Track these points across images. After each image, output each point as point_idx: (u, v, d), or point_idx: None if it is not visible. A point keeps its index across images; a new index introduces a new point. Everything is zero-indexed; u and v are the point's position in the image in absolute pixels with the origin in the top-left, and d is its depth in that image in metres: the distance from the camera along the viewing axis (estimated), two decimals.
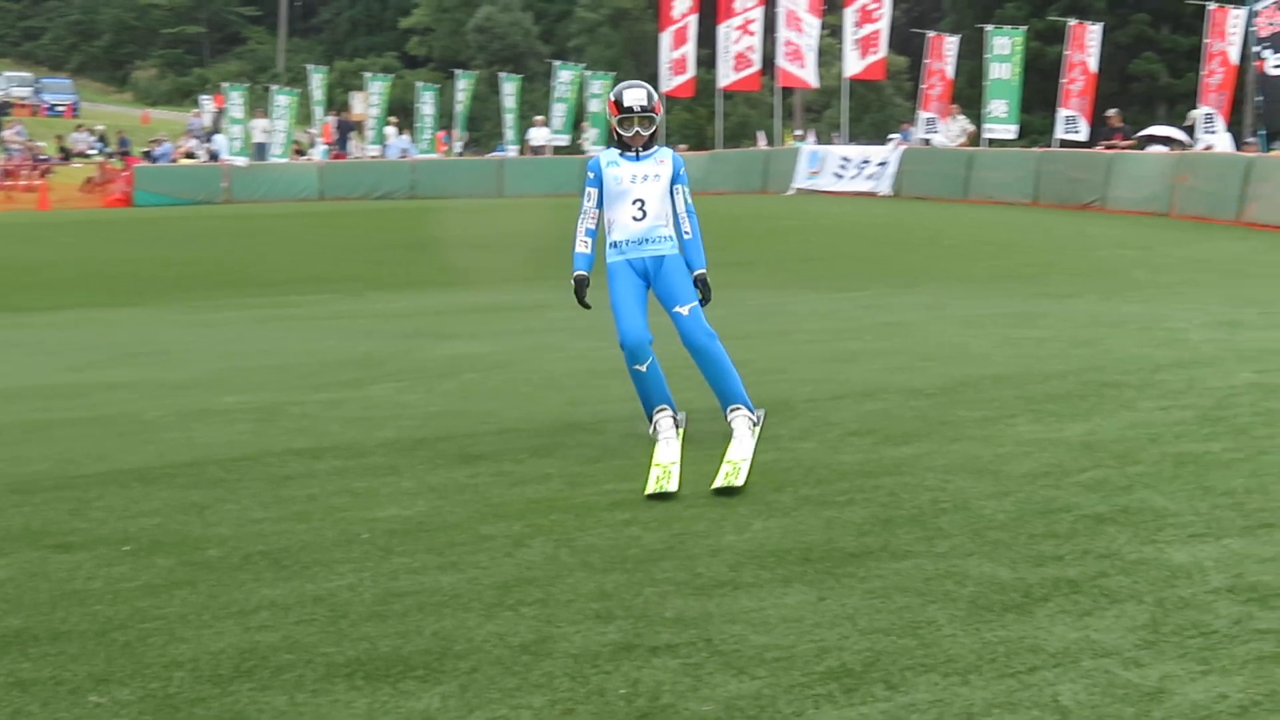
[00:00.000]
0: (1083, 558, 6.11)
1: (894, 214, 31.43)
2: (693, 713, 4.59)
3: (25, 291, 20.25)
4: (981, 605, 5.54)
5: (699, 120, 59.06)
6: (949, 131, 38.18)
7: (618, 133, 8.45)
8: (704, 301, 8.48)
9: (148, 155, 51.91)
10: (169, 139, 56.01)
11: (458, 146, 51.15)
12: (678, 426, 8.43)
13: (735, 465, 7.71)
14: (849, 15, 41.43)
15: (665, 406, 8.44)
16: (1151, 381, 10.34)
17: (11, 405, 10.80)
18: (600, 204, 8.51)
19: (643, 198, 8.39)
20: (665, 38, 45.94)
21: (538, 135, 48.12)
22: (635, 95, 8.40)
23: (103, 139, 60.33)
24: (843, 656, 5.03)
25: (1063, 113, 35.71)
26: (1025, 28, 40.83)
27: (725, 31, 43.81)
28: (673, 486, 7.45)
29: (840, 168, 38.41)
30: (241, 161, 46.13)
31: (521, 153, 48.36)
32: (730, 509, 7.07)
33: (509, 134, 50.40)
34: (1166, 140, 34.60)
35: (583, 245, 8.62)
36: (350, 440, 9.02)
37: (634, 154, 8.43)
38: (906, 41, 57.58)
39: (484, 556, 6.38)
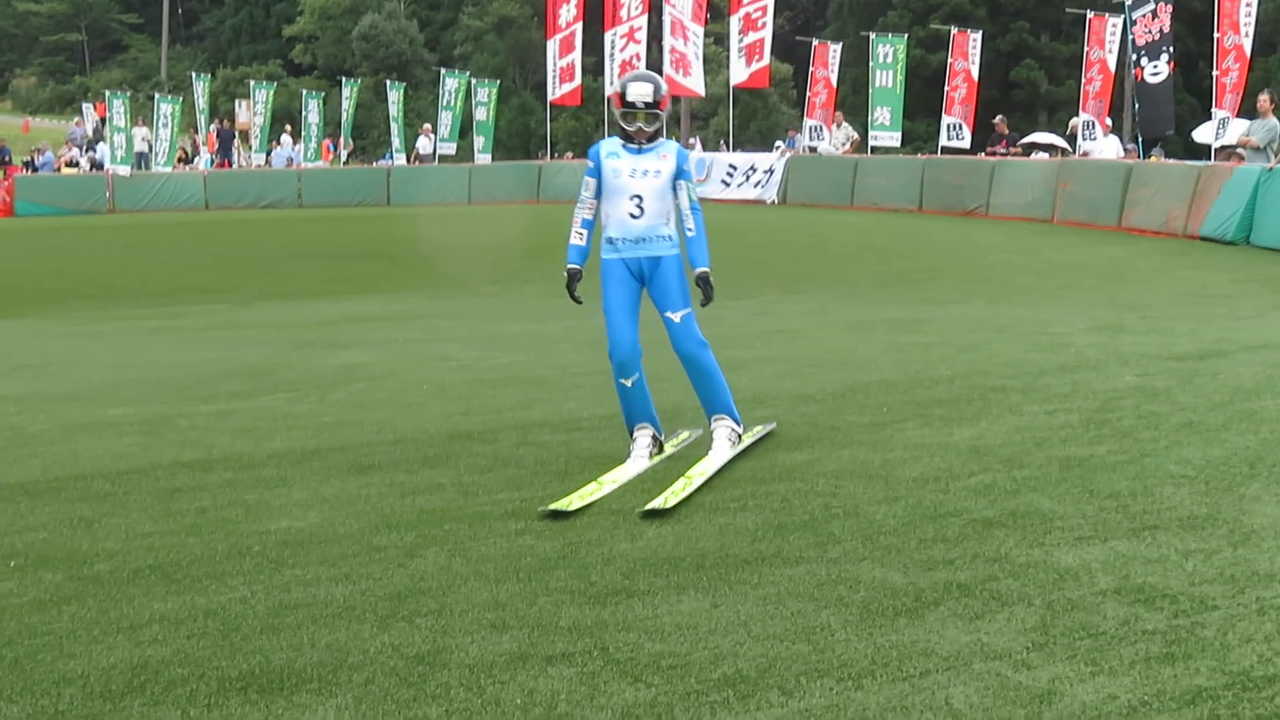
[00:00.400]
0: (972, 561, 6.18)
1: (781, 221, 31.62)
2: None
3: None
4: (874, 610, 5.59)
5: (585, 127, 59.13)
6: (834, 139, 38.44)
7: (620, 126, 8.12)
8: (705, 302, 8.24)
9: (28, 165, 51.10)
10: (50, 148, 55.21)
11: (344, 155, 50.82)
12: (660, 446, 8.30)
13: (677, 492, 7.36)
14: (734, 23, 41.60)
15: (647, 425, 8.27)
16: (1036, 386, 10.46)
17: None
18: (598, 194, 8.20)
19: (641, 194, 8.06)
20: (552, 45, 45.87)
21: (425, 144, 47.95)
22: (639, 89, 8.05)
23: None
24: (737, 663, 5.05)
25: (946, 120, 36.08)
26: (907, 35, 41.28)
27: (611, 39, 43.80)
28: (575, 505, 7.21)
29: (727, 175, 38.58)
30: (125, 171, 45.55)
31: (409, 161, 48.13)
32: (624, 516, 7.08)
33: (396, 142, 50.19)
34: (1048, 147, 35.08)
35: (577, 237, 8.27)
36: (240, 452, 8.94)
37: (636, 147, 8.09)
38: (791, 49, 57.99)
39: (377, 567, 6.34)
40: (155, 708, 4.79)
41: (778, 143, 42.14)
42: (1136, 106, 31.53)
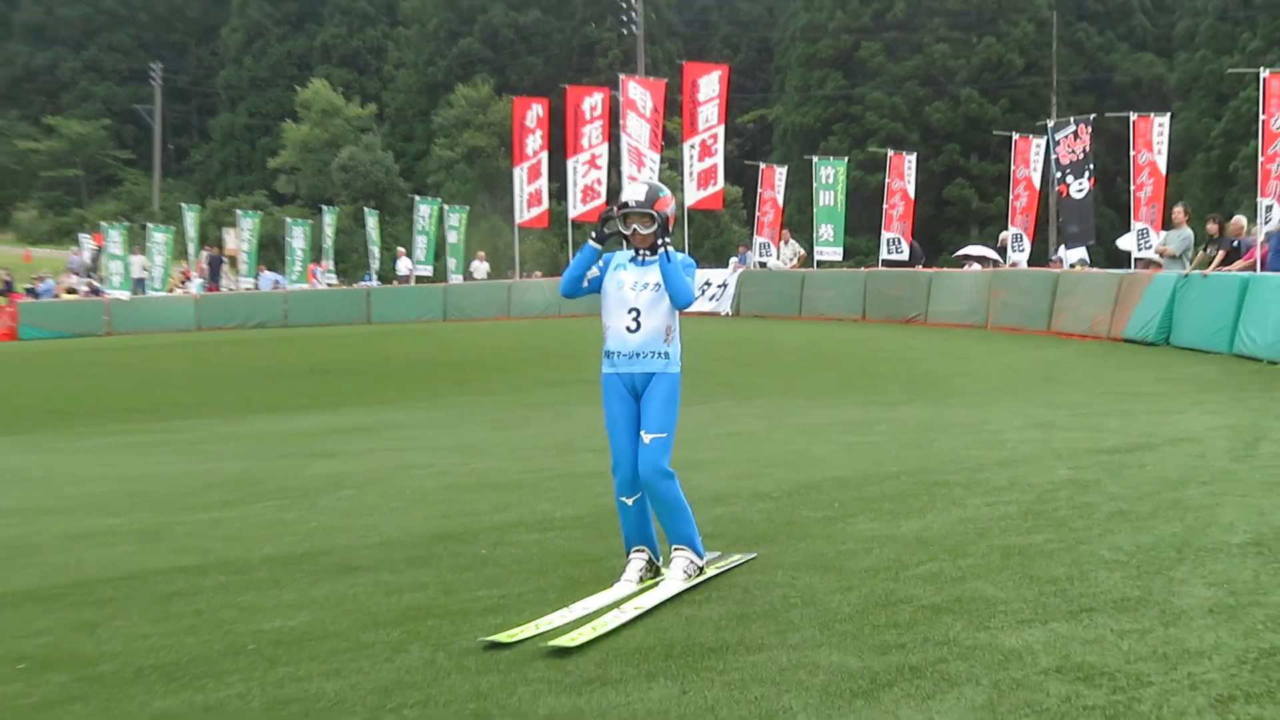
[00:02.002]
0: (923, 645, 6.18)
1: (734, 331, 31.74)
2: None
3: None
4: (832, 692, 5.58)
5: (551, 249, 59.38)
6: (783, 255, 38.72)
7: (620, 233, 7.55)
8: (661, 240, 7.43)
9: (31, 291, 51.04)
10: (51, 276, 55.16)
11: (328, 278, 50.87)
12: (655, 570, 7.61)
13: (597, 628, 6.67)
14: (687, 150, 41.96)
15: (644, 548, 7.60)
16: (977, 480, 10.51)
17: None
18: (598, 290, 7.53)
19: (639, 308, 7.42)
20: (519, 172, 46.15)
21: (403, 265, 48.14)
22: (633, 190, 7.55)
23: None
24: None
25: (885, 235, 36.37)
26: (847, 159, 41.66)
27: (574, 166, 44.15)
28: (521, 635, 6.55)
29: None
30: (123, 295, 45.56)
31: (387, 281, 48.24)
32: (595, 614, 7.05)
33: (374, 264, 50.32)
34: (981, 259, 35.37)
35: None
36: (234, 556, 8.89)
37: (641, 259, 7.50)
38: (741, 173, 58.46)
39: (365, 663, 6.30)
40: None
41: (732, 259, 42.35)
42: (1061, 220, 31.87)
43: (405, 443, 15.00)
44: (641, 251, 7.54)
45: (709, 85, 41.57)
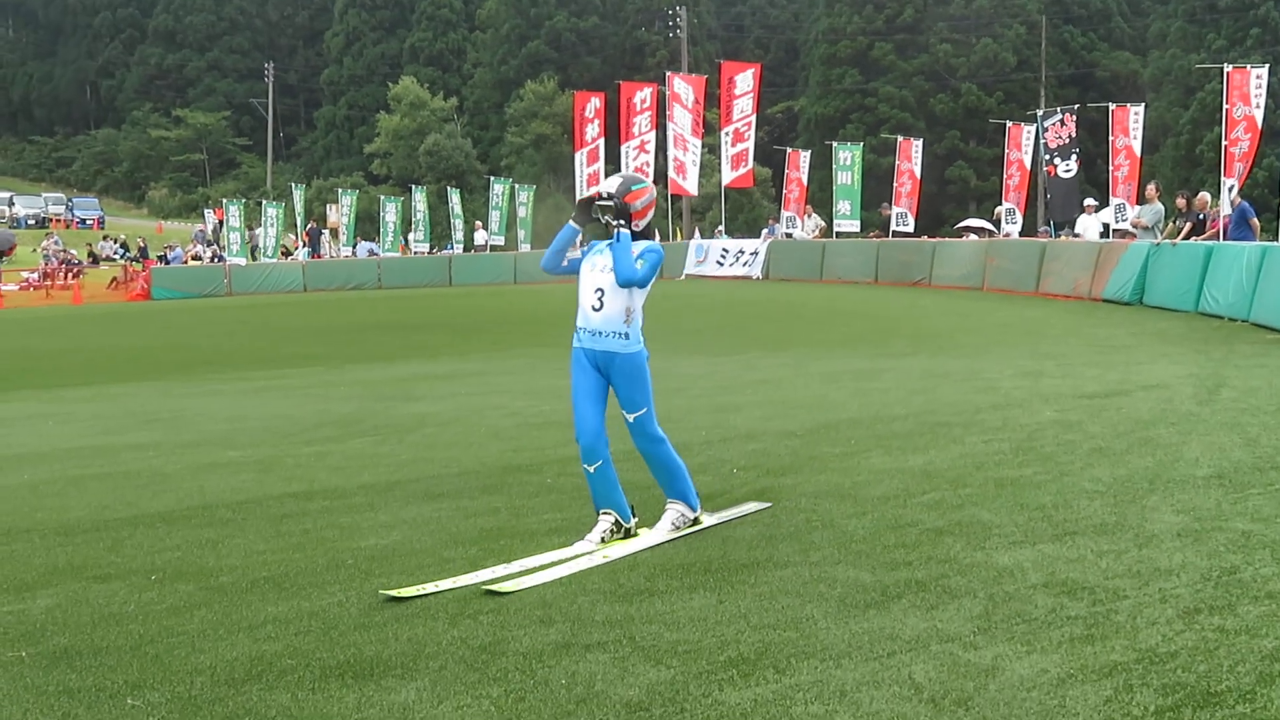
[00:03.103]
0: (927, 562, 6.13)
1: (764, 293, 31.62)
2: (621, 697, 4.54)
3: (61, 372, 19.90)
4: (849, 603, 5.54)
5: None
6: (806, 227, 38.51)
7: (598, 219, 7.00)
8: (615, 223, 6.85)
9: (162, 258, 51.36)
10: (179, 245, 55.49)
11: (419, 246, 50.92)
12: (625, 532, 6.96)
13: (531, 570, 6.27)
14: (724, 136, 41.75)
15: (610, 511, 6.95)
16: (974, 421, 10.42)
17: (53, 464, 10.58)
18: (577, 268, 7.03)
19: (603, 288, 6.83)
20: (579, 156, 46.06)
21: (479, 237, 48.15)
22: (608, 183, 6.96)
23: (125, 246, 59.55)
24: (739, 647, 5.01)
25: (895, 209, 36.12)
26: (862, 144, 41.32)
27: (626, 150, 44.02)
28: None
29: (721, 257, 38.62)
30: (241, 261, 45.76)
31: (467, 250, 48.28)
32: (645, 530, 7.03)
33: (456, 235, 50.33)
34: (979, 230, 35.11)
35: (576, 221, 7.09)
36: (336, 484, 8.91)
37: (612, 243, 6.89)
38: (770, 156, 58.12)
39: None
40: (270, 692, 4.75)
41: (763, 230, 42.15)
42: (1049, 197, 31.55)
43: (481, 387, 15.00)
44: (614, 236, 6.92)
45: (743, 81, 41.33)
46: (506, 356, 19.19)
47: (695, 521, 7.09)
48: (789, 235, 38.83)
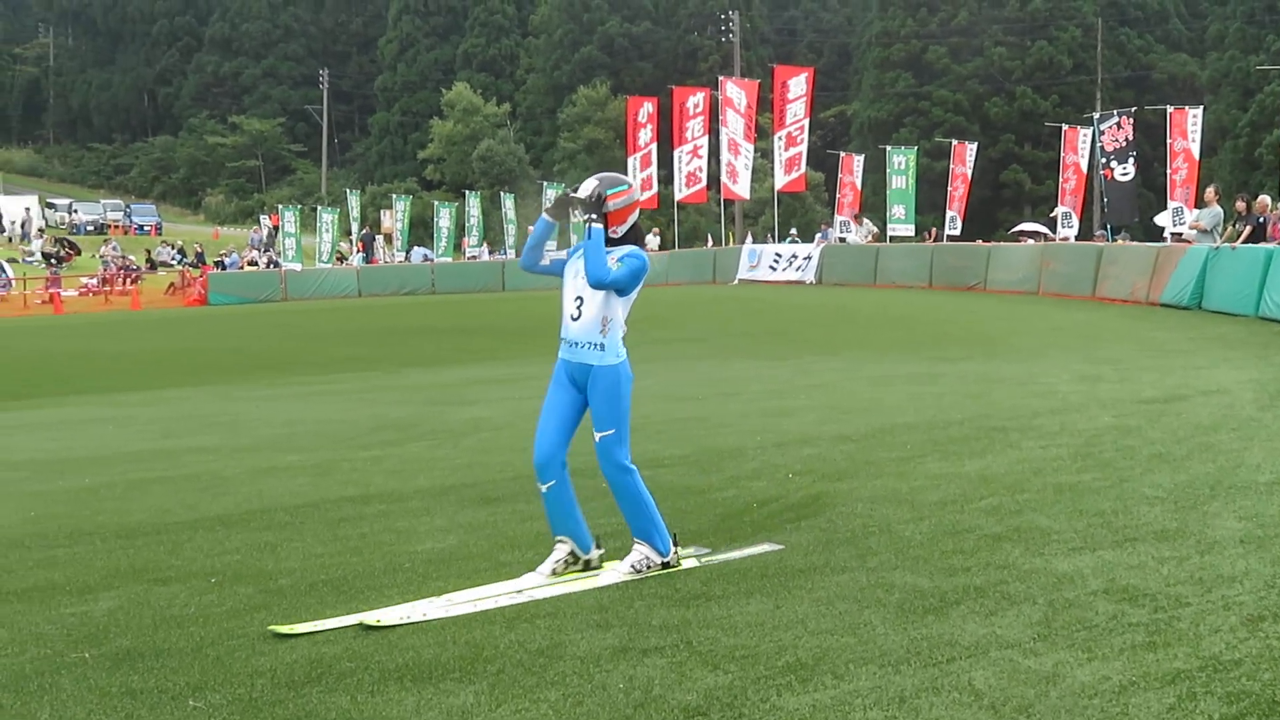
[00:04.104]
0: (986, 568, 6.09)
1: (817, 298, 31.54)
2: (679, 702, 4.54)
3: (120, 376, 20.13)
4: (906, 609, 5.51)
5: (660, 226, 59.28)
6: (860, 233, 38.42)
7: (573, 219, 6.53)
8: (588, 217, 6.32)
9: (219, 264, 51.86)
10: (235, 250, 56.00)
11: (470, 252, 51.17)
12: (583, 563, 6.41)
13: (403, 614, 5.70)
14: (777, 141, 41.72)
15: (566, 539, 6.38)
16: (1031, 426, 10.35)
17: (113, 468, 10.70)
18: (559, 270, 6.58)
19: (582, 296, 6.36)
20: (632, 161, 46.15)
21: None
22: (585, 185, 6.40)
23: (182, 251, 60.21)
24: (797, 653, 4.99)
25: (949, 214, 35.96)
26: (916, 148, 41.16)
27: (679, 155, 44.06)
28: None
29: (774, 262, 38.56)
30: (296, 267, 46.11)
31: (519, 255, 48.49)
32: (700, 539, 7.02)
33: (509, 240, 50.52)
34: (1035, 234, 34.87)
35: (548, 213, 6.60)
36: (392, 489, 8.96)
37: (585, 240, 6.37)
38: (823, 161, 57.99)
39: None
40: (329, 695, 4.77)
41: (816, 235, 42.07)
42: (1105, 200, 31.30)
43: (535, 391, 14.96)
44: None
45: (796, 85, 41.28)
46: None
47: (666, 566, 6.30)
48: (842, 240, 38.72)
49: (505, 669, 4.96)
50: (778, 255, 38.80)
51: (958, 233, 35.75)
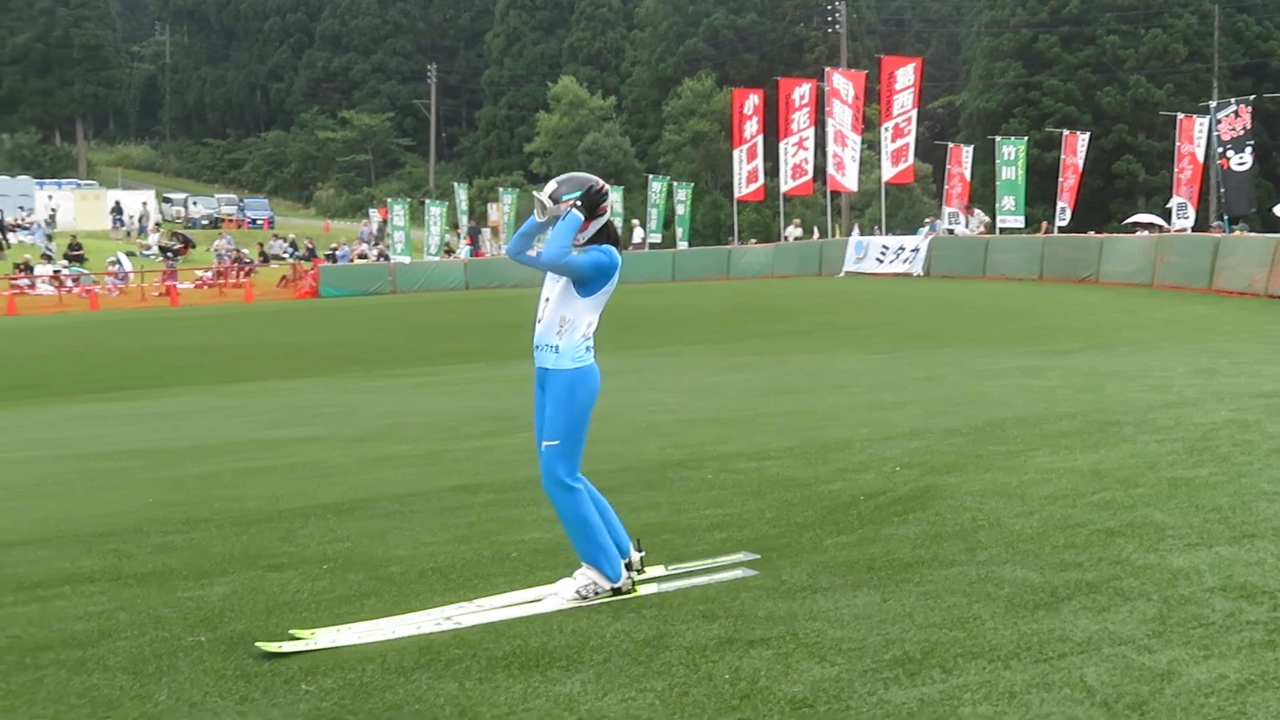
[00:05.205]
0: (1098, 564, 5.99)
1: (925, 290, 31.22)
2: (785, 693, 4.52)
3: (233, 367, 20.51)
4: (1017, 603, 5.44)
5: (765, 219, 59.08)
6: (972, 224, 38.02)
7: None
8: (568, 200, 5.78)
9: (329, 257, 52.61)
10: (345, 244, 56.77)
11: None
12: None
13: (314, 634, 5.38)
14: (884, 132, 41.42)
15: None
16: (1146, 420, 10.16)
17: (226, 456, 10.91)
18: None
19: (549, 296, 5.93)
20: (738, 154, 46.07)
21: (637, 234, 48.42)
22: (549, 184, 5.90)
23: (293, 245, 61.17)
24: (905, 646, 4.95)
25: (1060, 205, 35.42)
26: (1026, 138, 40.58)
27: (784, 147, 43.88)
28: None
29: (881, 254, 38.23)
30: (405, 260, 46.62)
31: (625, 249, 48.65)
32: (806, 530, 6.99)
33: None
34: (1149, 225, 34.25)
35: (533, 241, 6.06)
36: (499, 478, 9.03)
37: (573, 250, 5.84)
38: (930, 151, 57.41)
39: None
40: (438, 681, 4.83)
41: (922, 228, 41.67)
42: (1222, 191, 30.65)
43: (639, 384, 15.07)
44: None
45: (904, 76, 40.92)
46: (664, 353, 19.25)
47: (617, 592, 5.83)
48: (950, 231, 38.32)
49: (611, 658, 4.98)
50: (885, 247, 38.48)
51: (1068, 224, 35.21)
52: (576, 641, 5.20)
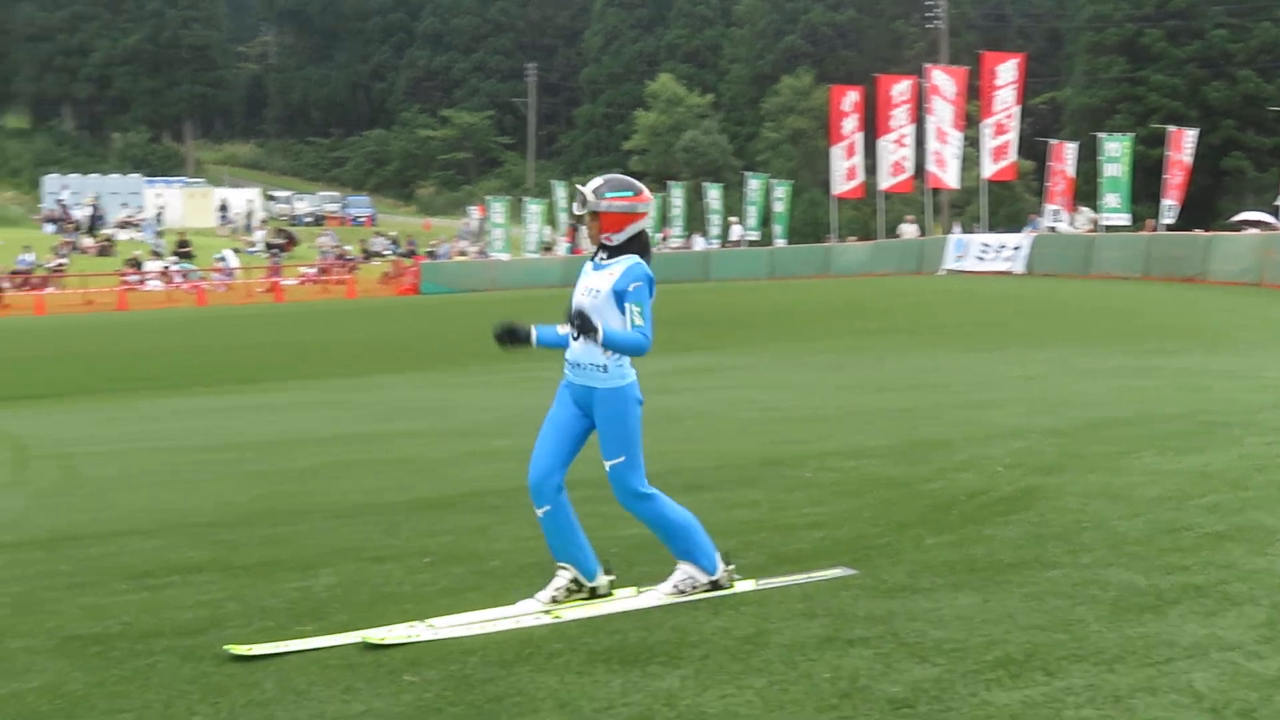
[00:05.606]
0: (1206, 568, 5.89)
1: (1027, 288, 30.83)
2: (885, 693, 4.50)
3: (335, 363, 20.79)
4: (1122, 607, 5.36)
5: (864, 216, 58.69)
6: (1076, 223, 37.53)
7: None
8: (573, 326, 5.82)
9: (430, 254, 53.11)
10: (446, 241, 57.30)
11: (675, 241, 51.36)
12: (589, 591, 5.87)
13: (409, 635, 5.33)
14: (985, 128, 40.95)
15: (567, 566, 5.86)
16: (1254, 421, 9.96)
17: (329, 450, 11.07)
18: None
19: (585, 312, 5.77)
20: (836, 151, 45.84)
21: (735, 231, 48.36)
22: (593, 181, 5.85)
23: (395, 242, 61.84)
24: (1007, 648, 4.90)
25: (1165, 202, 34.82)
26: (1131, 135, 39.92)
27: (883, 144, 43.58)
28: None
29: (982, 251, 37.81)
30: (505, 257, 46.94)
31: (723, 246, 48.53)
32: (906, 530, 6.94)
33: (713, 231, 50.61)
34: (1258, 223, 33.56)
35: (562, 327, 6.01)
36: (598, 475, 8.93)
37: (597, 260, 5.85)
38: (1033, 148, 56.63)
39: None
40: (538, 674, 4.86)
41: (1025, 225, 41.16)
42: None
43: (738, 381, 15.06)
44: (599, 254, 5.84)
45: (1006, 72, 40.46)
46: (761, 351, 19.21)
47: (715, 585, 5.83)
48: (1052, 229, 37.82)
49: (711, 655, 4.98)
50: (985, 245, 38.05)
51: (1174, 222, 34.59)
52: (676, 637, 5.21)
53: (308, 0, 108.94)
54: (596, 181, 5.81)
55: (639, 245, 5.83)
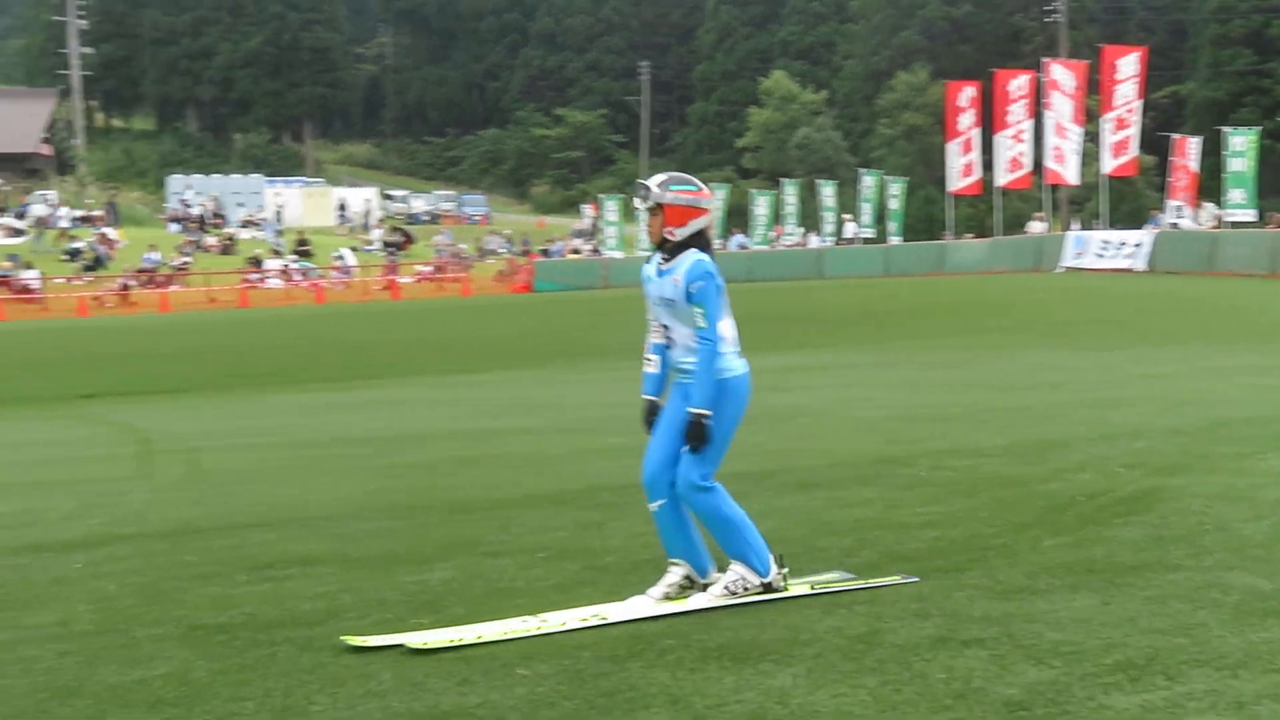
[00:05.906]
0: None
1: (1149, 286, 30.24)
2: (1000, 695, 4.44)
3: (451, 359, 21.01)
4: (1245, 611, 5.25)
5: (980, 213, 57.99)
6: (1201, 218, 36.75)
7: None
8: (690, 446, 5.75)
9: (544, 252, 53.52)
10: (559, 239, 57.64)
11: (788, 239, 51.19)
12: (703, 588, 5.82)
13: (486, 638, 5.29)
14: (1105, 123, 40.25)
15: (680, 562, 5.85)
16: None
17: (445, 445, 11.20)
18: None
19: (667, 324, 5.84)
20: (952, 147, 45.35)
21: (849, 229, 48.07)
22: (654, 177, 5.90)
23: (509, 240, 62.36)
24: (1127, 651, 4.81)
25: None
26: (1258, 128, 38.97)
27: (1000, 140, 43.03)
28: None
29: (1101, 249, 37.16)
30: (618, 255, 47.11)
31: (837, 243, 48.26)
32: (1023, 530, 6.85)
33: (827, 228, 50.35)
34: None
35: (648, 364, 6.05)
36: (729, 469, 9.04)
37: (664, 265, 5.81)
38: (1154, 143, 55.51)
39: (821, 564, 6.32)
40: (650, 669, 4.87)
41: (1147, 222, 40.38)
42: None
43: (852, 379, 14.96)
44: (659, 256, 5.84)
45: (1126, 65, 39.74)
46: (876, 349, 19.08)
47: (768, 588, 5.75)
48: (1174, 225, 37.06)
49: (823, 653, 4.96)
50: (1105, 242, 37.39)
51: None
52: (788, 635, 5.20)
53: (424, 1, 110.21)
54: (660, 176, 5.84)
55: (701, 242, 5.82)
